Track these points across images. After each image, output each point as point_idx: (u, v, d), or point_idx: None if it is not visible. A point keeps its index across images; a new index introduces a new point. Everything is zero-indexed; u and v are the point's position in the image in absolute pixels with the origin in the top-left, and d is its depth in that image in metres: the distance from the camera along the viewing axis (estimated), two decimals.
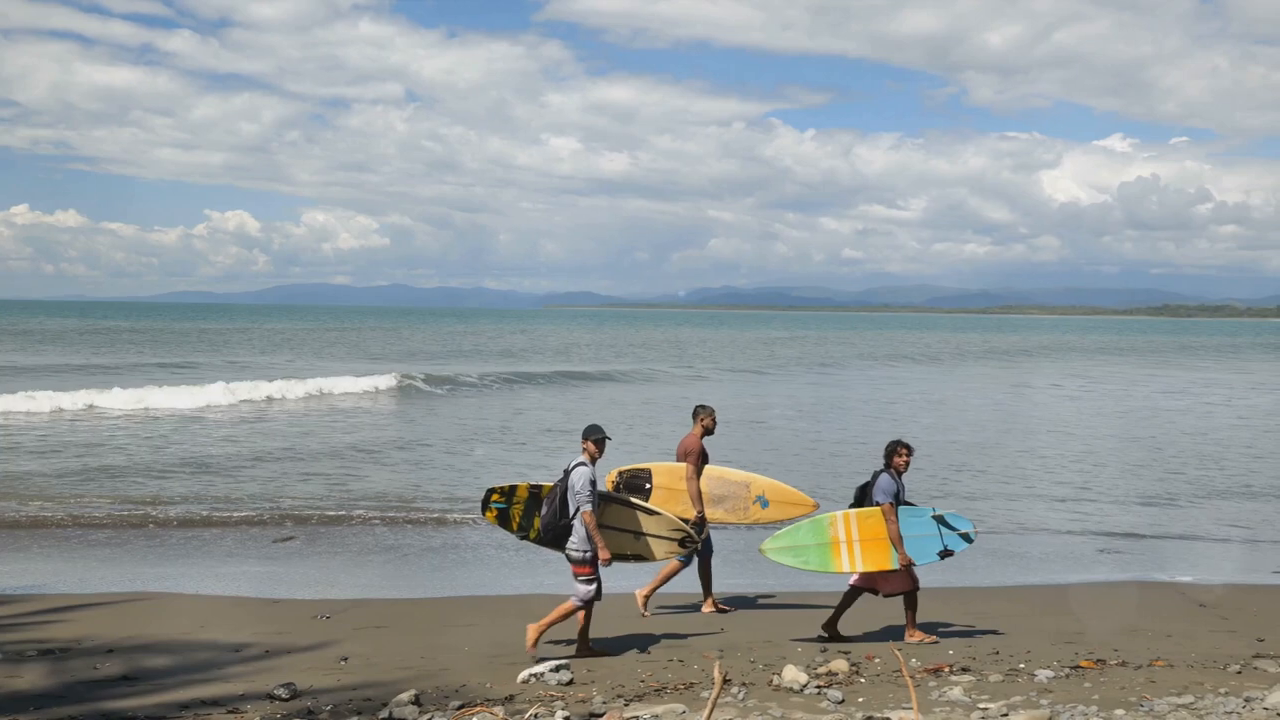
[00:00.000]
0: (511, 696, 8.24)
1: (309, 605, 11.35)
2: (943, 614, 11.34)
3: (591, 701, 8.06)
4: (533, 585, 12.54)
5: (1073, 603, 11.97)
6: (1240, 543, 15.69)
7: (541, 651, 9.57)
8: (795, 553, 10.49)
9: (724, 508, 11.51)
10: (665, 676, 8.88)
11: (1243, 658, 9.52)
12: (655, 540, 10.26)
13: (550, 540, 9.74)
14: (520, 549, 14.60)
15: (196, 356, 57.58)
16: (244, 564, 13.45)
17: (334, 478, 19.36)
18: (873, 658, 9.46)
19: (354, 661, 9.26)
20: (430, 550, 14.46)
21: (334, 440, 24.56)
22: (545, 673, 8.70)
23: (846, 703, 8.09)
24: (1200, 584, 12.96)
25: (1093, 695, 8.26)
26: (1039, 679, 8.80)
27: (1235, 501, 18.94)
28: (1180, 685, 8.52)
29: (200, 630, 10.21)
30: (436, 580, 12.87)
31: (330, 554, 14.18)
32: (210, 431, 25.62)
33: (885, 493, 10.26)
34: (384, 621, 10.72)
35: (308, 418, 29.18)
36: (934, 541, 10.36)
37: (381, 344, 78.44)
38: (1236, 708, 7.64)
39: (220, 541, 14.66)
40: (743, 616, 11.23)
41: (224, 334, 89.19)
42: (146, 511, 16.07)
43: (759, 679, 8.78)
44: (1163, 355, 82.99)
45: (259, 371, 45.07)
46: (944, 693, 8.31)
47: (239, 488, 18.10)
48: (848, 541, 10.28)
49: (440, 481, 19.29)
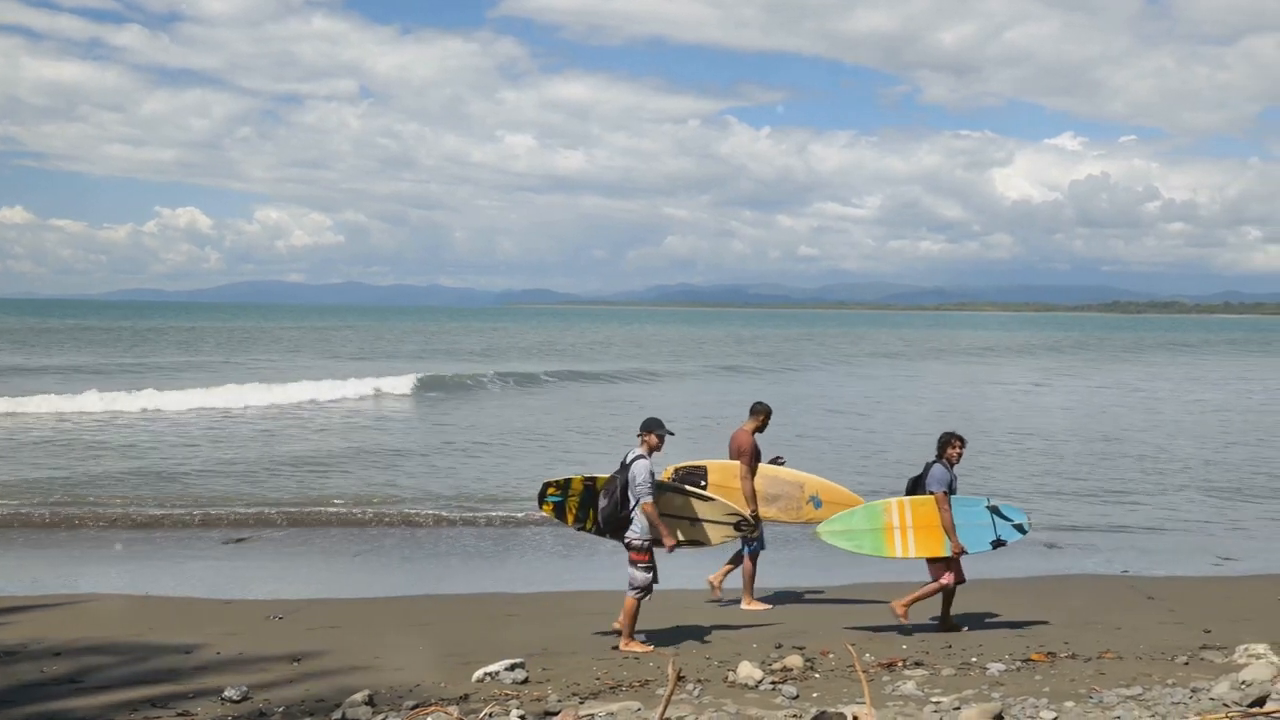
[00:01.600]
0: (466, 696, 8.21)
1: (262, 605, 11.25)
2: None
3: (546, 700, 8.04)
4: (491, 584, 12.50)
5: (1024, 596, 12.11)
6: (1189, 535, 15.92)
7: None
8: (849, 536, 10.76)
9: (777, 506, 11.65)
10: (621, 674, 8.88)
11: (1190, 649, 9.66)
12: (711, 525, 10.45)
13: (610, 531, 9.98)
14: (478, 547, 14.60)
15: (181, 356, 56.87)
16: (196, 564, 13.31)
17: (294, 478, 19.17)
18: (827, 653, 9.51)
19: (307, 662, 9.18)
20: (386, 549, 14.38)
21: (303, 443, 24.28)
22: (500, 671, 8.66)
23: (801, 698, 8.13)
24: (1149, 576, 13.13)
25: (1043, 688, 8.35)
26: (991, 672, 8.89)
27: (1184, 495, 19.21)
28: (1129, 677, 8.63)
29: (150, 632, 10.08)
30: (392, 579, 12.80)
31: (284, 554, 14.07)
32: (171, 433, 25.27)
33: (939, 482, 10.51)
34: (338, 621, 10.64)
35: (274, 420, 28.83)
36: (987, 531, 10.66)
37: (365, 344, 77.03)
38: (1183, 698, 7.76)
39: (172, 542, 14.50)
40: (704, 613, 11.24)
41: (197, 333, 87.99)
42: (95, 511, 15.88)
43: (714, 676, 8.80)
44: (1120, 353, 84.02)
45: (213, 373, 44.55)
46: (897, 687, 8.37)
47: (194, 488, 17.89)
48: (901, 527, 10.57)
49: (404, 481, 19.15)
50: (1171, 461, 23.09)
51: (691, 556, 11.21)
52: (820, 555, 12.72)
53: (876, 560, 11.16)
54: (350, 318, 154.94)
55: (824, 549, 11.40)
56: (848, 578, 12.63)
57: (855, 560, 11.57)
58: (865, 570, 12.35)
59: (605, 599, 11.72)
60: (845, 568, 12.62)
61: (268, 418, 28.68)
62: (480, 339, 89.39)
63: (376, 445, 23.80)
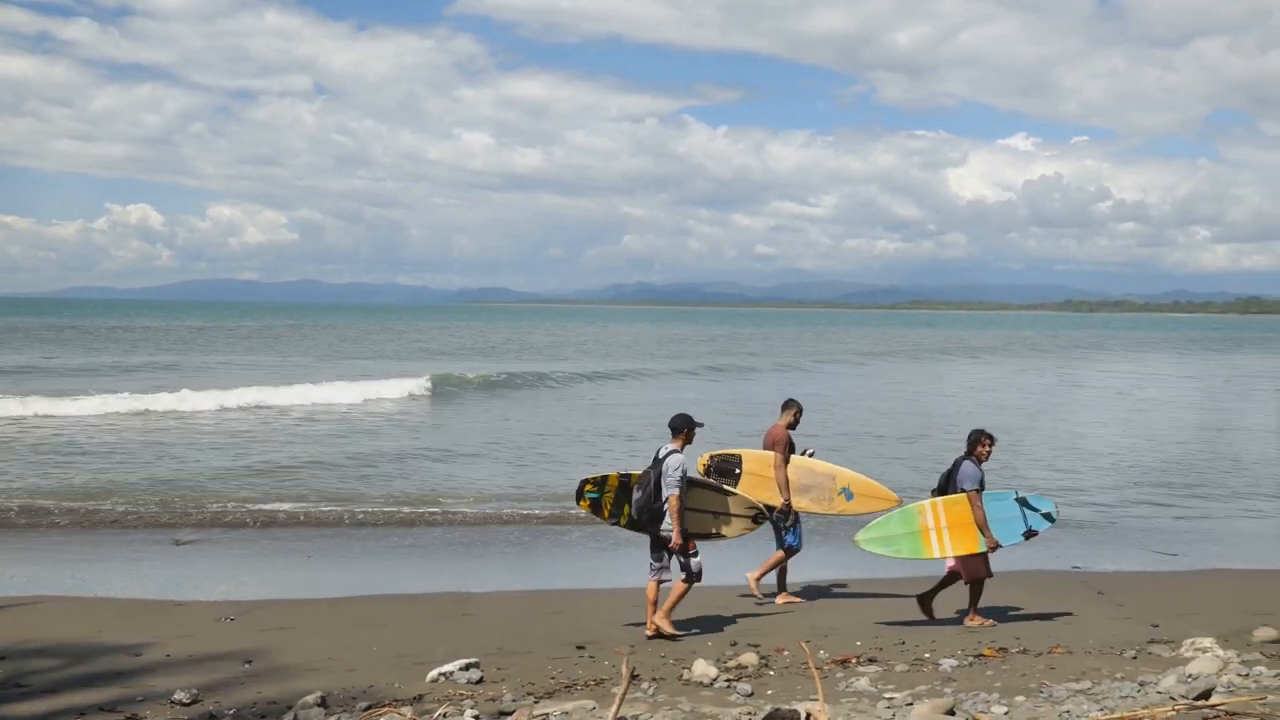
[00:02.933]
0: (420, 696, 8.16)
1: (213, 607, 11.12)
2: (855, 606, 11.53)
3: (501, 700, 8.01)
4: (447, 583, 12.44)
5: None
6: (1138, 530, 16.14)
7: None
8: (887, 542, 10.93)
9: (809, 497, 11.84)
10: (576, 673, 8.87)
11: (1138, 643, 9.79)
12: (733, 519, 10.86)
13: (645, 522, 10.18)
14: (432, 546, 14.53)
15: (145, 356, 56.09)
16: (146, 566, 13.16)
17: (246, 479, 18.98)
18: (782, 651, 9.55)
19: (259, 664, 9.09)
20: (339, 550, 14.27)
21: (260, 444, 24.06)
22: (455, 672, 8.62)
23: (755, 695, 8.16)
24: (1099, 572, 13.30)
25: (995, 683, 8.43)
26: (943, 668, 8.96)
27: (1134, 490, 19.47)
28: (1079, 671, 8.73)
29: (98, 634, 9.92)
30: (346, 580, 12.68)
31: (236, 555, 13.92)
32: (127, 435, 24.94)
33: (970, 479, 10.71)
34: (290, 623, 10.54)
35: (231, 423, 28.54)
36: (1018, 523, 10.85)
37: (345, 344, 76.34)
38: (1132, 692, 7.86)
39: (122, 543, 14.31)
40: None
41: (154, 332, 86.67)
42: (49, 506, 15.69)
43: (669, 674, 8.82)
44: (1074, 350, 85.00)
45: (193, 375, 43.96)
46: (851, 683, 8.42)
47: (145, 489, 17.67)
48: (936, 528, 10.76)
49: (360, 481, 19.02)
50: (1122, 456, 23.41)
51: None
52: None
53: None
54: (310, 316, 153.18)
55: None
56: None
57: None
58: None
59: (563, 598, 11.74)
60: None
61: (225, 421, 28.39)
62: (447, 339, 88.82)
63: (339, 448, 23.62)
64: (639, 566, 13.24)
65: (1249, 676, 8.15)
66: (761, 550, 12.40)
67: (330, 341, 77.77)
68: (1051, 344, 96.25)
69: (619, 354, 67.33)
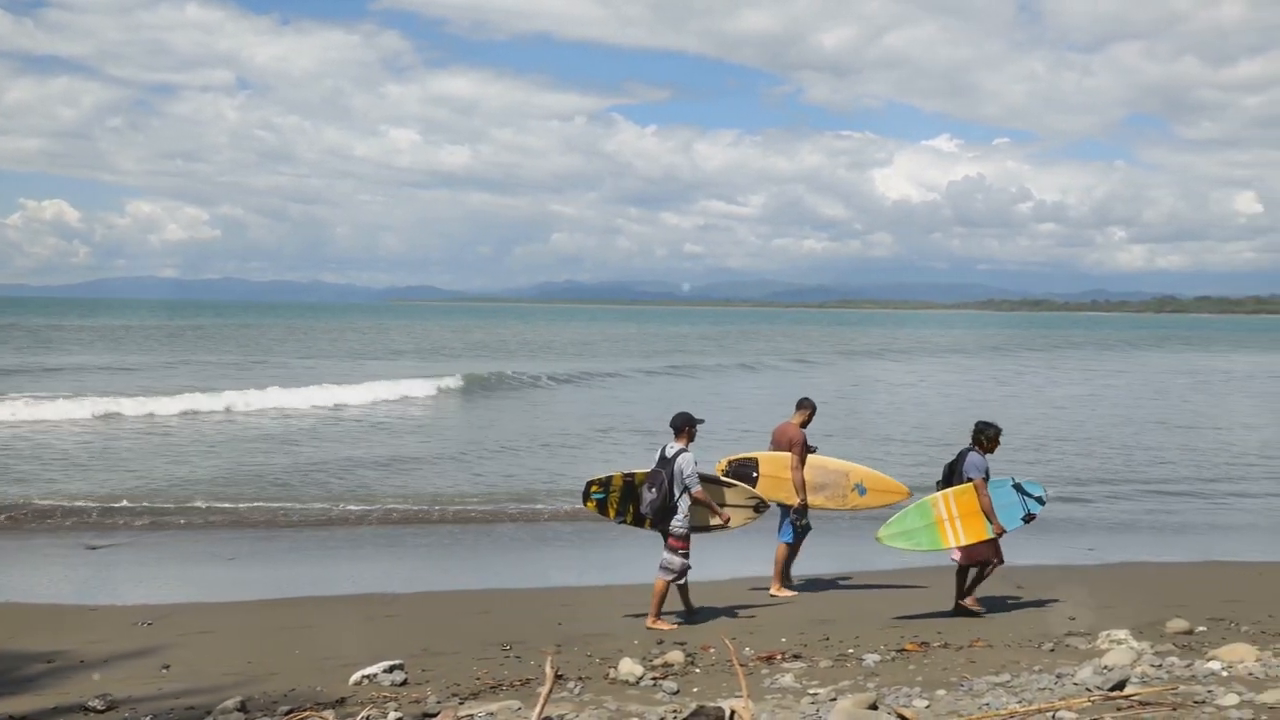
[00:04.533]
0: (343, 699, 8.06)
1: (130, 611, 10.89)
2: (780, 604, 11.60)
3: (425, 701, 7.94)
4: (371, 584, 12.30)
5: (899, 588, 12.38)
6: (1057, 525, 16.43)
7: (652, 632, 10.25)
8: (907, 536, 11.11)
9: (824, 495, 12.15)
10: (501, 673, 8.82)
11: (1056, 636, 9.98)
12: (734, 509, 11.25)
13: (656, 519, 10.52)
14: (357, 547, 14.38)
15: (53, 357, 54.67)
16: (59, 569, 12.85)
17: (159, 478, 18.62)
18: (708, 648, 9.58)
19: (177, 669, 8.92)
20: (261, 551, 14.07)
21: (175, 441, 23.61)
22: (379, 674, 8.53)
23: (681, 693, 8.17)
24: (1019, 566, 13.50)
25: (916, 677, 8.54)
26: (866, 663, 9.05)
27: (1053, 486, 19.79)
28: (998, 664, 8.87)
29: (10, 640, 9.67)
30: (266, 581, 12.50)
31: (155, 558, 13.65)
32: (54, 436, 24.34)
33: (977, 468, 11.04)
34: (210, 626, 10.36)
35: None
36: (1018, 508, 11.23)
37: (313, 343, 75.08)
38: (1049, 684, 8.00)
39: (32, 547, 13.96)
40: (589, 609, 11.23)
41: (63, 332, 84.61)
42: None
43: (595, 672, 8.80)
44: (993, 349, 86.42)
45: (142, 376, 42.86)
46: (776, 680, 8.47)
47: (58, 489, 17.26)
48: (950, 519, 11.02)
49: (283, 481, 18.74)
50: (1043, 451, 23.84)
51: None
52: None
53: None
54: (234, 315, 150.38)
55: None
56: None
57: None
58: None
59: (489, 598, 11.68)
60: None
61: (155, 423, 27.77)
62: (391, 339, 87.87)
63: (266, 448, 23.27)
64: (564, 566, 13.30)
65: (1161, 667, 8.35)
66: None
67: (265, 342, 76.56)
68: (979, 345, 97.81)
69: (560, 354, 67.19)
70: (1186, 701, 7.19)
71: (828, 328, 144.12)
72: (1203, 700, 7.23)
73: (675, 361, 59.25)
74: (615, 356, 63.46)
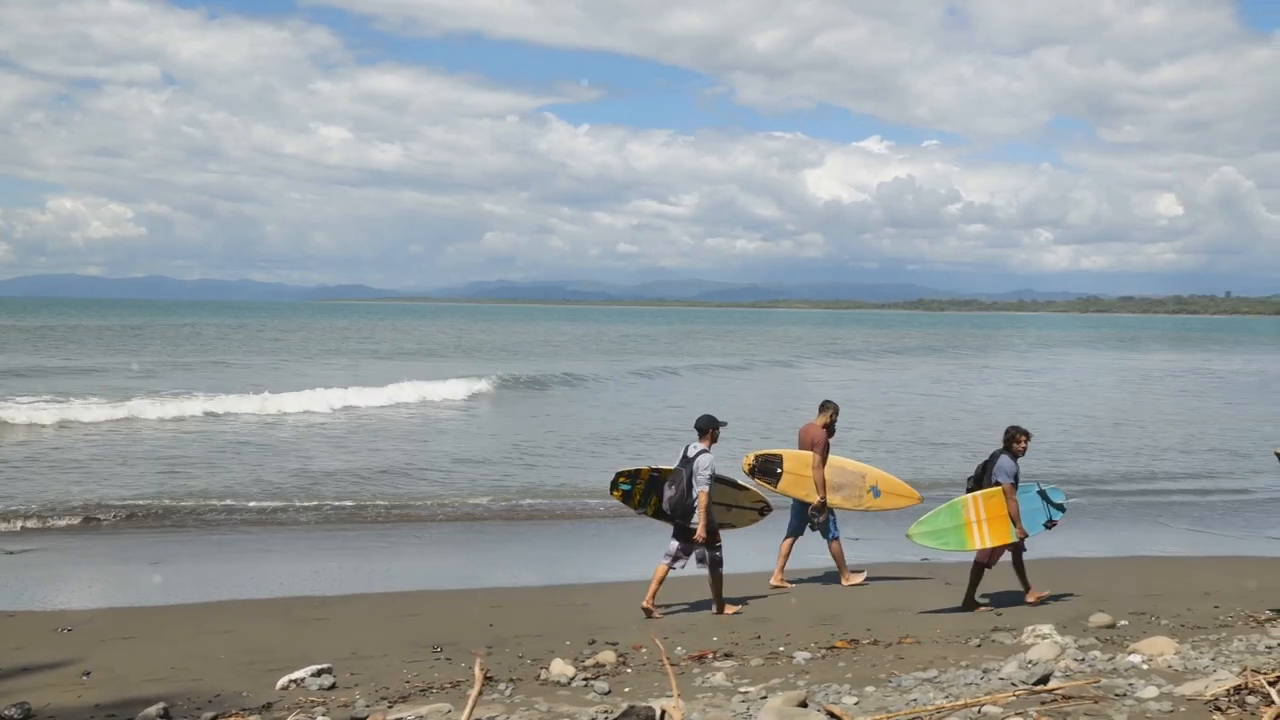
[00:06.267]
0: (269, 704, 7.94)
1: (48, 617, 10.64)
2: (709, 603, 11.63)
3: (354, 705, 7.85)
4: (299, 586, 12.15)
5: (829, 586, 12.49)
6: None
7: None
8: (937, 536, 11.45)
9: (842, 494, 12.74)
10: (432, 676, 8.75)
11: (982, 632, 10.12)
12: (741, 510, 12.13)
13: (679, 516, 10.90)
14: (279, 546, 14.20)
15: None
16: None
17: (82, 482, 18.22)
18: (640, 648, 9.58)
19: (98, 675, 8.72)
20: (187, 554, 13.82)
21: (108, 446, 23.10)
22: (306, 678, 8.42)
23: (613, 693, 8.16)
24: (947, 563, 13.68)
25: (846, 674, 8.60)
26: (797, 661, 9.11)
27: None
28: (926, 661, 8.97)
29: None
30: (190, 585, 12.28)
31: (75, 561, 13.35)
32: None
33: (1006, 473, 11.31)
34: (132, 631, 10.15)
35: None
36: (1041, 514, 11.66)
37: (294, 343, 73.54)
38: (975, 679, 8.10)
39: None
40: (522, 610, 11.18)
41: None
42: None
43: (527, 674, 8.76)
44: (921, 349, 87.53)
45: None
46: (707, 679, 8.49)
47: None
48: (977, 521, 11.37)
49: (203, 482, 18.43)
50: (974, 451, 24.15)
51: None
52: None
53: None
54: (158, 314, 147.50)
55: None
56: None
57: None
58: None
59: (418, 600, 11.58)
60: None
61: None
62: (328, 339, 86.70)
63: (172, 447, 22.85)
64: (493, 565, 13.22)
65: (1084, 661, 8.50)
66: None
67: (200, 342, 75.24)
68: (915, 344, 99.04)
69: (492, 355, 66.84)
70: (1108, 694, 7.31)
71: (778, 327, 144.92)
72: (1123, 693, 7.36)
73: (630, 365, 59.22)
74: (577, 358, 63.33)
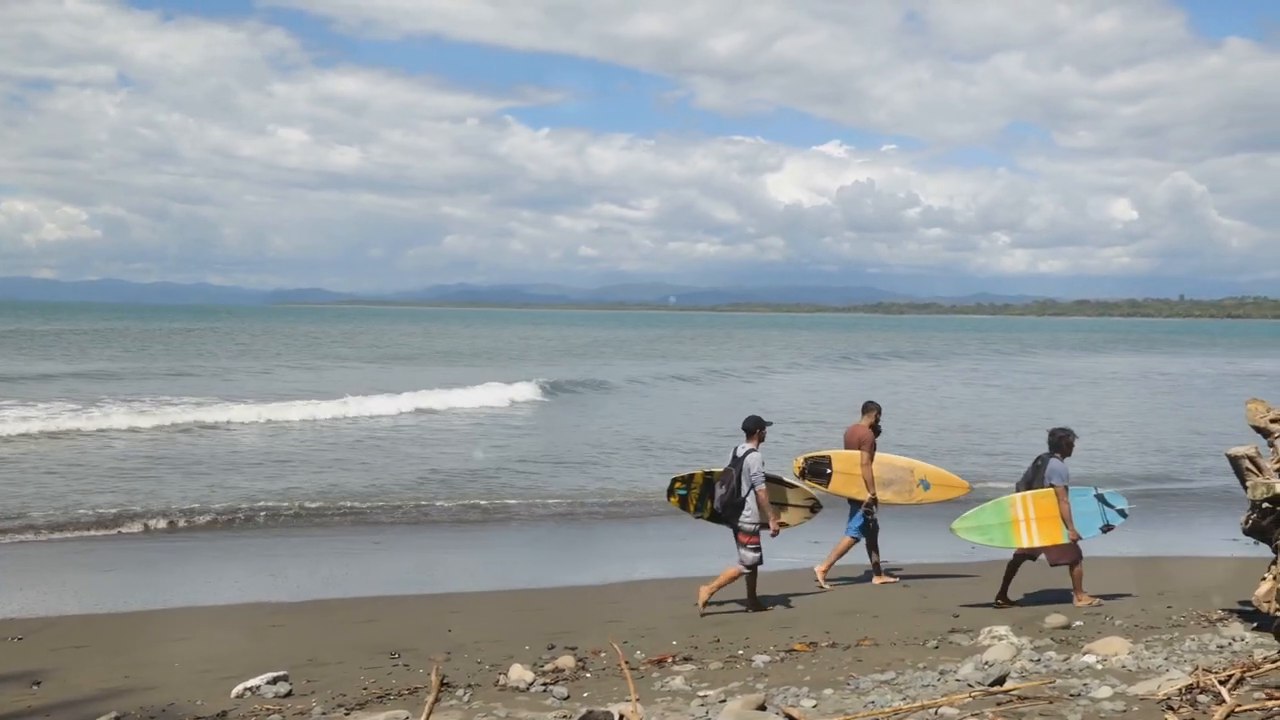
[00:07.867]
0: (224, 713, 7.86)
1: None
2: (670, 605, 11.64)
3: (311, 713, 7.78)
4: (255, 593, 12.03)
5: (789, 588, 12.51)
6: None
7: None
8: (981, 531, 11.66)
9: (892, 490, 13.02)
10: (389, 682, 8.68)
11: (940, 633, 10.17)
12: (794, 509, 12.25)
13: (726, 515, 11.22)
14: (241, 553, 14.06)
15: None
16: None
17: (37, 489, 17.96)
18: (599, 652, 9.56)
19: (49, 685, 8.60)
20: (140, 561, 13.66)
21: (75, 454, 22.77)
22: (262, 685, 8.34)
23: (571, 698, 8.14)
24: (907, 564, 13.78)
25: (805, 677, 8.63)
26: (756, 664, 9.12)
27: None
28: (884, 663, 9.01)
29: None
30: (146, 592, 12.14)
31: (27, 569, 13.14)
32: None
33: (1060, 475, 11.47)
34: (84, 640, 10.01)
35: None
36: (1097, 517, 11.71)
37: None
38: (933, 681, 8.15)
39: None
40: (480, 615, 11.14)
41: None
42: None
43: (485, 679, 8.71)
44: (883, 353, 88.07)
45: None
46: (667, 683, 8.49)
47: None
48: (1026, 520, 11.55)
49: (155, 488, 18.22)
50: (919, 451, 24.31)
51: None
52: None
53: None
54: (114, 317, 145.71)
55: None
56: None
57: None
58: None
59: (375, 606, 11.50)
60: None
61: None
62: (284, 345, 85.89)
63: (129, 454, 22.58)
64: (453, 571, 13.17)
65: (1040, 661, 8.56)
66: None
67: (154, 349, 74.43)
68: (881, 347, 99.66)
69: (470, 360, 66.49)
70: (1063, 694, 7.38)
71: (743, 330, 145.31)
72: (1078, 693, 7.43)
73: (663, 369, 59.12)
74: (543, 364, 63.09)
